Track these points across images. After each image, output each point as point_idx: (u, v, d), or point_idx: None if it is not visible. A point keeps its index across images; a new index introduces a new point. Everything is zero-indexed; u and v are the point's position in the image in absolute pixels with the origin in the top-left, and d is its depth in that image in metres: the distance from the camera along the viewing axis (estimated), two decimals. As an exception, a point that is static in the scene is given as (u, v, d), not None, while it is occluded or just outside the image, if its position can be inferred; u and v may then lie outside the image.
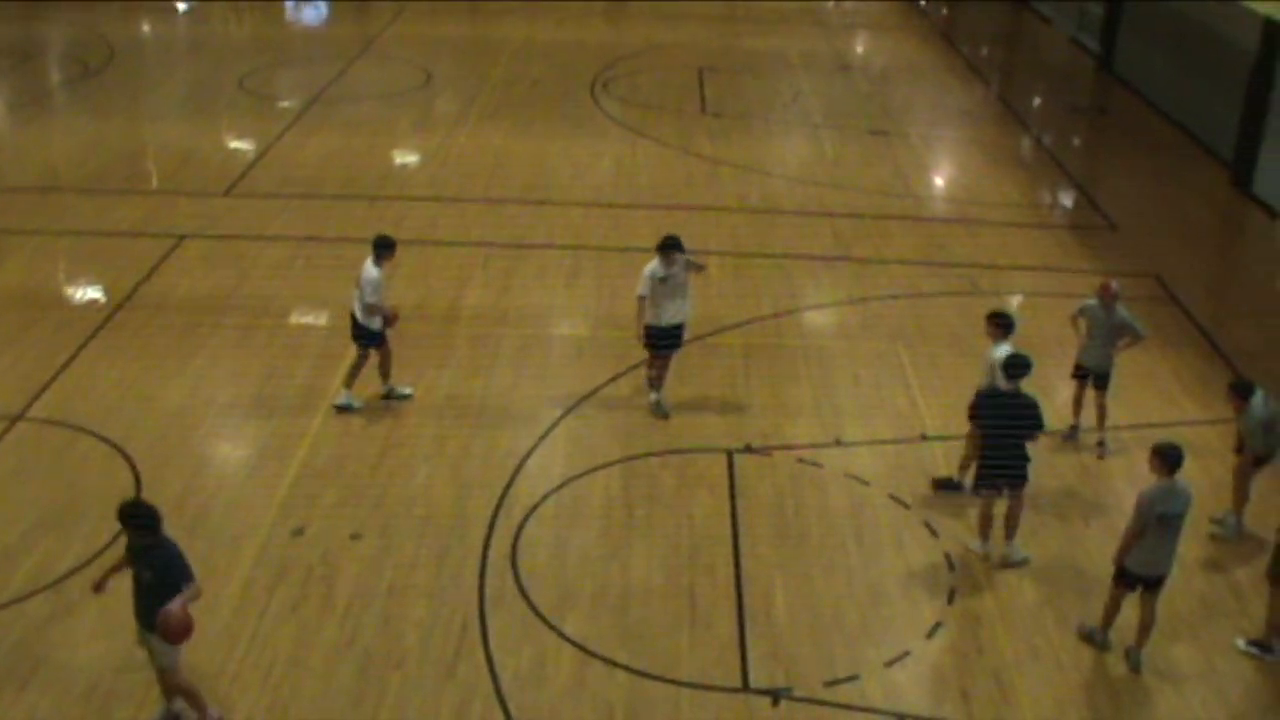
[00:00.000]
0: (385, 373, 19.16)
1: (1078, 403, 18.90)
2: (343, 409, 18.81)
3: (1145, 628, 14.50)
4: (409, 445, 18.14)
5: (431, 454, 17.95)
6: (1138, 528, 13.98)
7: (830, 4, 52.21)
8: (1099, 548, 16.34)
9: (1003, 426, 15.72)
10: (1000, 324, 17.04)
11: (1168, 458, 14.01)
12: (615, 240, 25.39)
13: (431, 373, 19.92)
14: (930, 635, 14.97)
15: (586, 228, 26.10)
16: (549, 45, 41.43)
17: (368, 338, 18.69)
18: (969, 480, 16.72)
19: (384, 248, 18.44)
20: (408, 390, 19.37)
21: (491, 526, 16.45)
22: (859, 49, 45.63)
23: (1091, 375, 18.63)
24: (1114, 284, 18.45)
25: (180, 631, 12.17)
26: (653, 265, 18.63)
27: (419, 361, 20.10)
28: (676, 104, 35.42)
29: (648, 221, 26.09)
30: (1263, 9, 23.63)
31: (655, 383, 19.30)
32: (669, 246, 18.59)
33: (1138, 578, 14.33)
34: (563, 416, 18.96)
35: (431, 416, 18.83)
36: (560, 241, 25.18)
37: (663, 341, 19.00)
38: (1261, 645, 14.87)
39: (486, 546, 16.08)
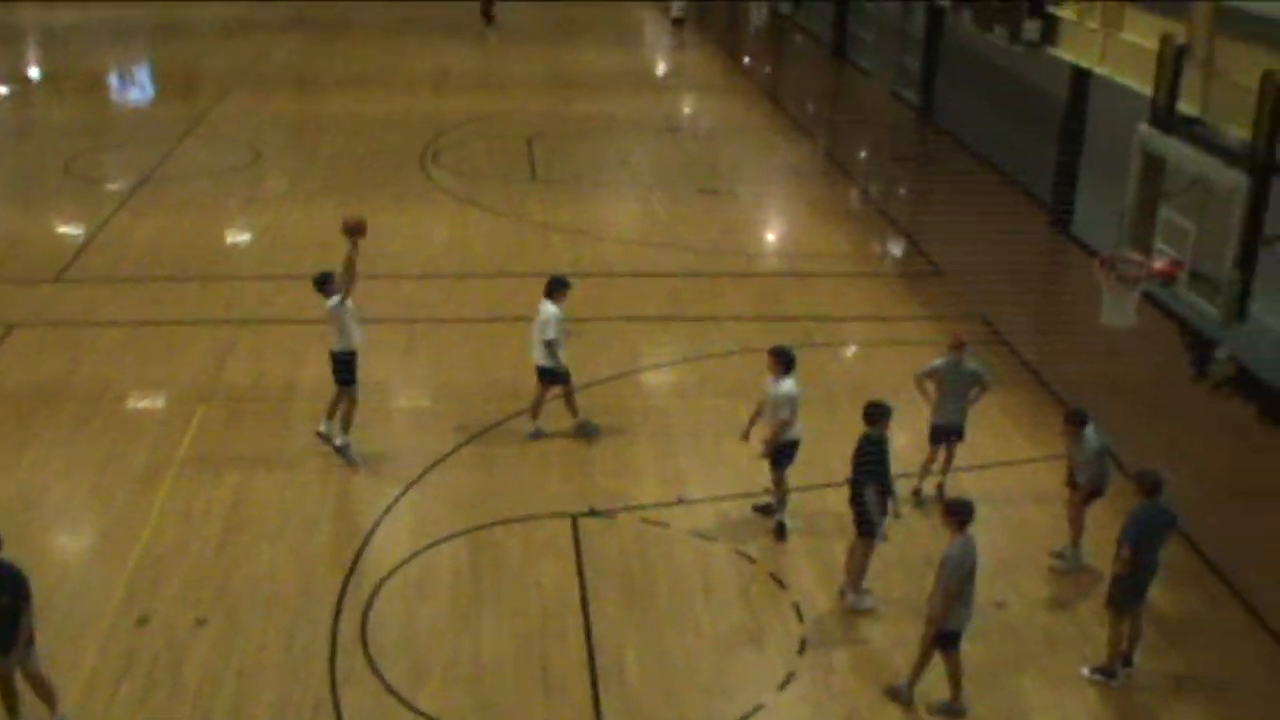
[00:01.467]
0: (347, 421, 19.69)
1: (928, 466, 19.04)
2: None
3: (956, 679, 14.86)
4: (252, 525, 17.98)
5: (275, 533, 17.81)
6: (956, 588, 14.25)
7: (658, 68, 52.73)
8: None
9: (862, 472, 16.18)
10: (781, 359, 17.32)
11: (962, 514, 14.33)
12: (450, 311, 25.43)
13: (272, 451, 19.78)
14: (783, 687, 15.13)
15: (421, 300, 26.11)
16: (377, 119, 41.34)
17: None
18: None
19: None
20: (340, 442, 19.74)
21: (339, 604, 16.35)
22: (686, 110, 46.21)
23: (950, 433, 18.84)
24: (959, 333, 18.88)
25: None
26: (554, 309, 19.77)
27: (259, 440, 19.96)
28: (506, 172, 35.57)
29: (483, 290, 26.27)
30: (1069, 57, 24.33)
31: (574, 410, 20.58)
32: (564, 285, 20.10)
33: (957, 633, 14.64)
34: (406, 490, 18.92)
35: (274, 495, 18.68)
36: (395, 315, 25.11)
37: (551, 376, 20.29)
38: (1105, 672, 15.26)
39: (335, 625, 15.98)
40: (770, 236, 31.82)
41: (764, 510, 18.21)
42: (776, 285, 27.36)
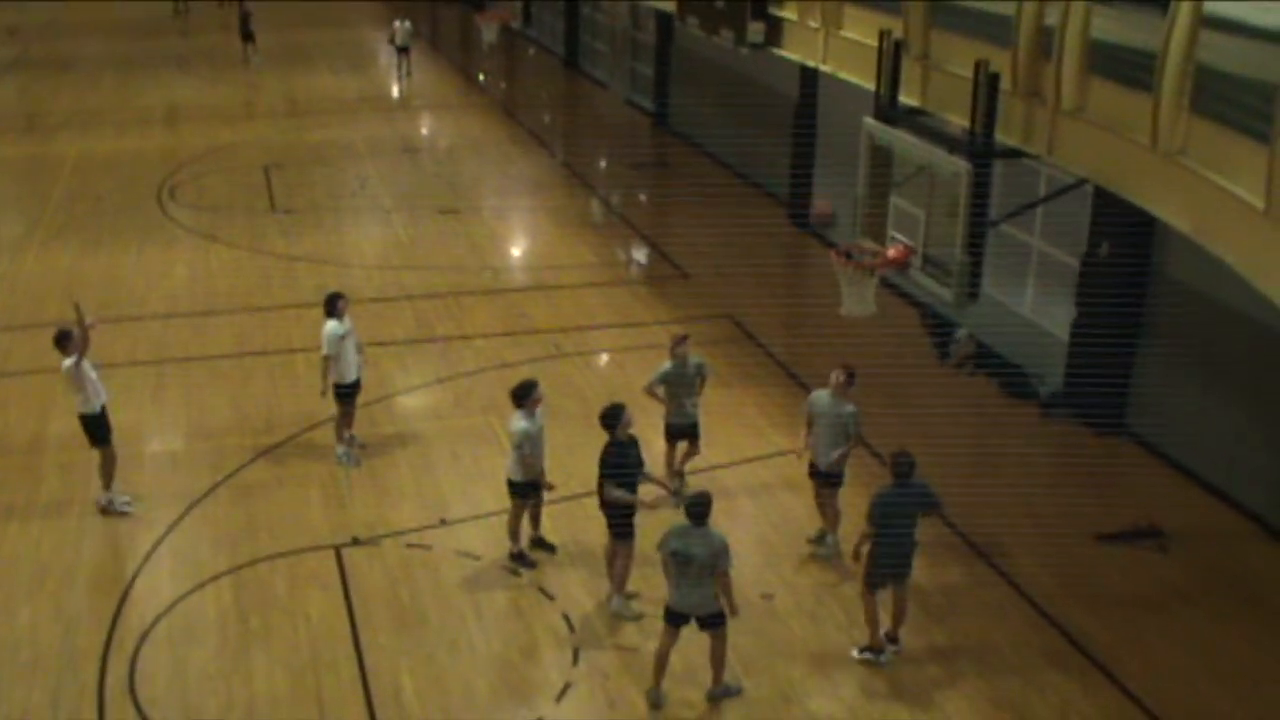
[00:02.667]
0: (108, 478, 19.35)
1: (670, 464, 19.36)
2: None
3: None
4: (8, 583, 17.52)
5: (32, 591, 17.36)
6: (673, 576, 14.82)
7: (393, 89, 52.49)
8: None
9: (605, 475, 16.40)
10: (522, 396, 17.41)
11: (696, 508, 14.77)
12: (198, 349, 25.06)
13: (22, 506, 19.30)
14: (560, 698, 15.30)
15: (167, 340, 25.66)
16: (109, 157, 40.46)
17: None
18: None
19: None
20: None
21: (104, 659, 16.01)
22: (423, 130, 46.14)
23: (685, 431, 19.22)
24: (680, 333, 19.27)
25: None
26: (333, 325, 19.74)
27: (8, 494, 19.48)
28: (246, 204, 35.11)
29: (229, 326, 25.96)
30: (794, 57, 24.90)
31: (344, 433, 20.65)
32: (340, 299, 20.12)
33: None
34: (165, 534, 18.61)
35: (28, 551, 18.21)
36: (142, 357, 24.67)
37: (352, 392, 20.46)
38: (872, 650, 15.71)
39: (102, 680, 15.64)
40: (514, 250, 32.01)
41: (542, 545, 18.26)
42: (523, 299, 27.53)
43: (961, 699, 15.21)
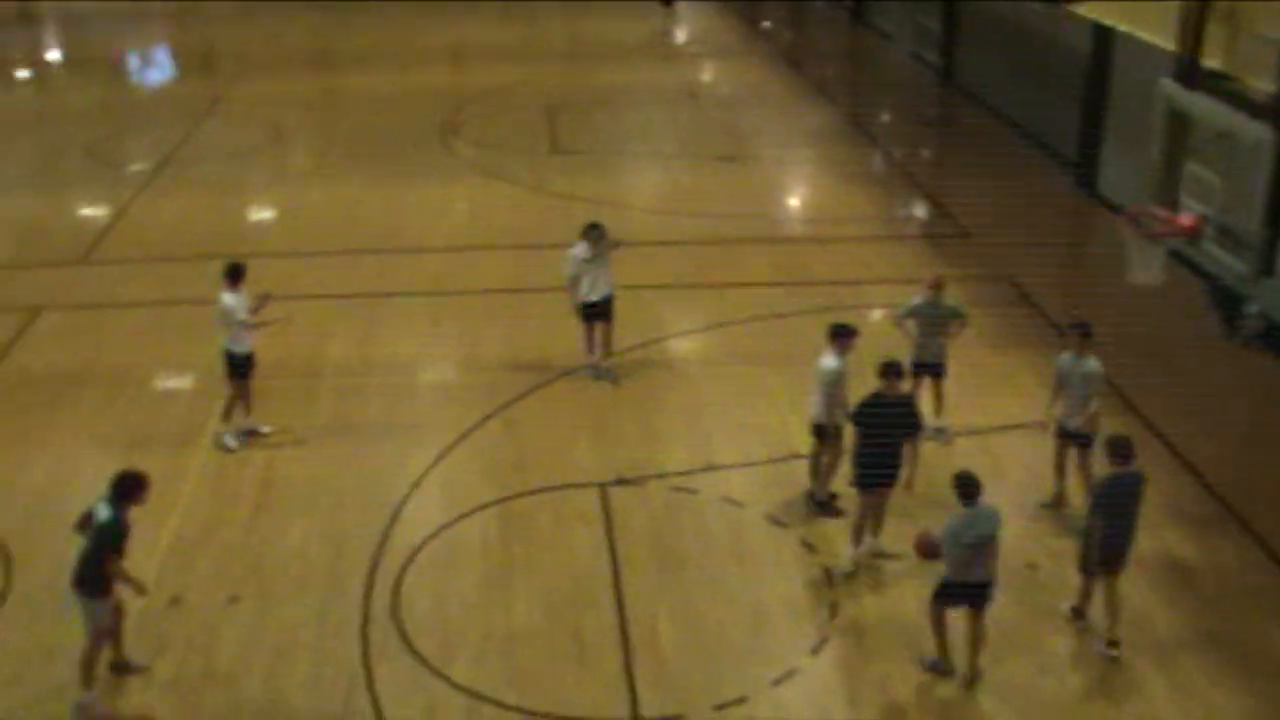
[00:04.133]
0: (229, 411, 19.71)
1: (915, 396, 18.99)
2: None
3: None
4: (281, 504, 17.99)
5: (305, 511, 17.81)
6: (956, 558, 14.34)
7: (676, 37, 52.52)
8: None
9: (882, 429, 15.96)
10: (844, 334, 17.22)
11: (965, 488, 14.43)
12: (475, 284, 25.39)
13: (300, 427, 19.77)
14: (816, 651, 15.09)
15: (446, 273, 26.08)
16: (395, 94, 41.30)
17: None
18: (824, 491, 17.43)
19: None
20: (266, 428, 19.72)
21: (371, 579, 16.35)
22: (705, 77, 46.00)
23: (930, 368, 19.07)
24: (941, 276, 19.01)
25: None
26: (577, 249, 20.73)
27: (285, 418, 19.96)
28: (527, 144, 35.48)
29: (506, 263, 26.22)
30: (1090, 13, 24.11)
31: (592, 348, 21.39)
32: (594, 229, 20.85)
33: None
34: (435, 462, 18.91)
35: (303, 472, 18.68)
36: (420, 289, 25.13)
37: (593, 312, 21.03)
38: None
39: (367, 600, 15.99)
40: (792, 201, 31.71)
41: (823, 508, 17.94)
42: (800, 250, 27.25)
43: (1224, 690, 14.59)
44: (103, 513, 13.86)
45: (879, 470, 16.14)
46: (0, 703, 14.36)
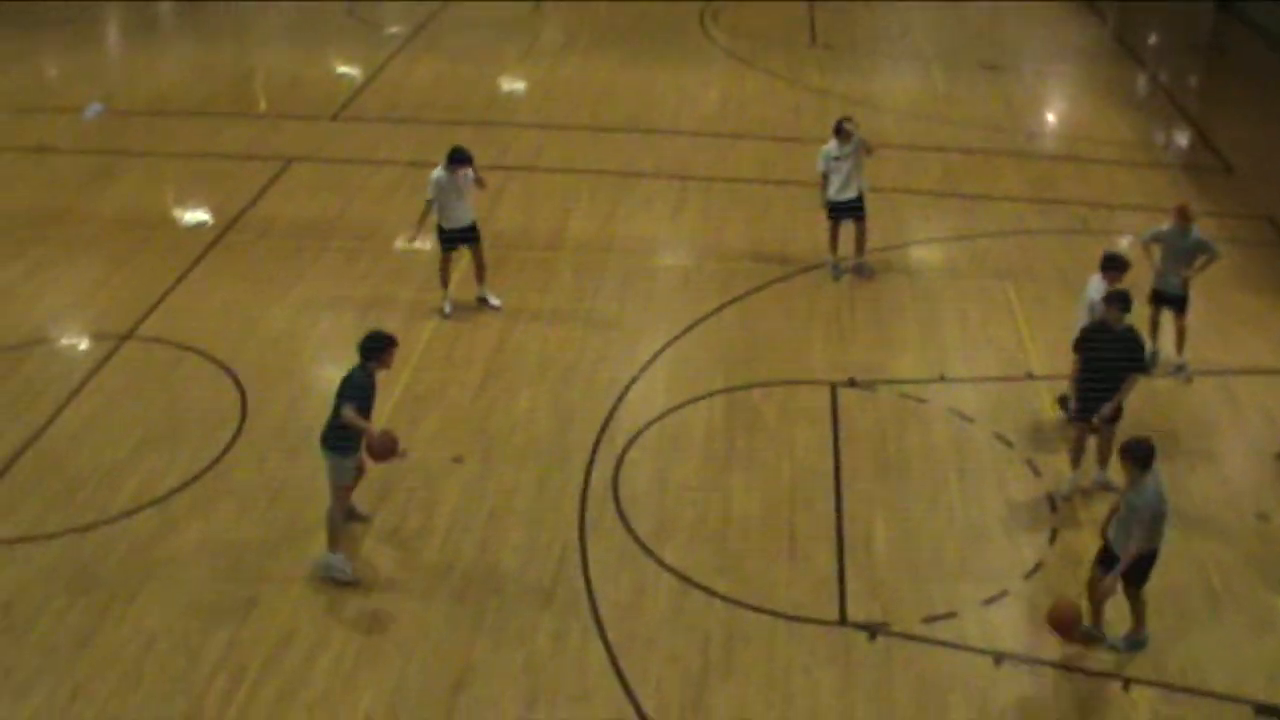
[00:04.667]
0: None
1: (1154, 326, 18.62)
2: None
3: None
4: (511, 372, 18.19)
5: (534, 381, 17.99)
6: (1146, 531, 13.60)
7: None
8: (1199, 486, 16.34)
9: (1102, 359, 15.51)
10: (1115, 267, 16.70)
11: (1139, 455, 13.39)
12: (721, 171, 25.25)
13: (535, 299, 19.92)
14: (1029, 576, 14.82)
15: (693, 158, 25.96)
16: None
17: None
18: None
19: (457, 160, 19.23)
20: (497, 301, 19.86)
21: (593, 454, 16.48)
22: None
23: (1170, 300, 18.45)
24: (1189, 206, 18.33)
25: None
26: (829, 145, 20.48)
27: (523, 287, 20.17)
28: (785, 35, 35.04)
29: (754, 153, 26.02)
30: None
31: (835, 247, 21.23)
32: (845, 126, 20.52)
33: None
34: (665, 346, 18.92)
35: (534, 343, 18.84)
36: (666, 171, 25.08)
37: (842, 211, 20.83)
38: None
39: (588, 474, 16.12)
40: (1050, 117, 30.88)
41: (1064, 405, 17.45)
42: (1053, 168, 26.53)
43: None
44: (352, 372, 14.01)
45: (1098, 401, 15.68)
46: (224, 536, 14.77)
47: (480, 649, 13.43)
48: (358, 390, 13.89)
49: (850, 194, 20.61)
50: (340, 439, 13.92)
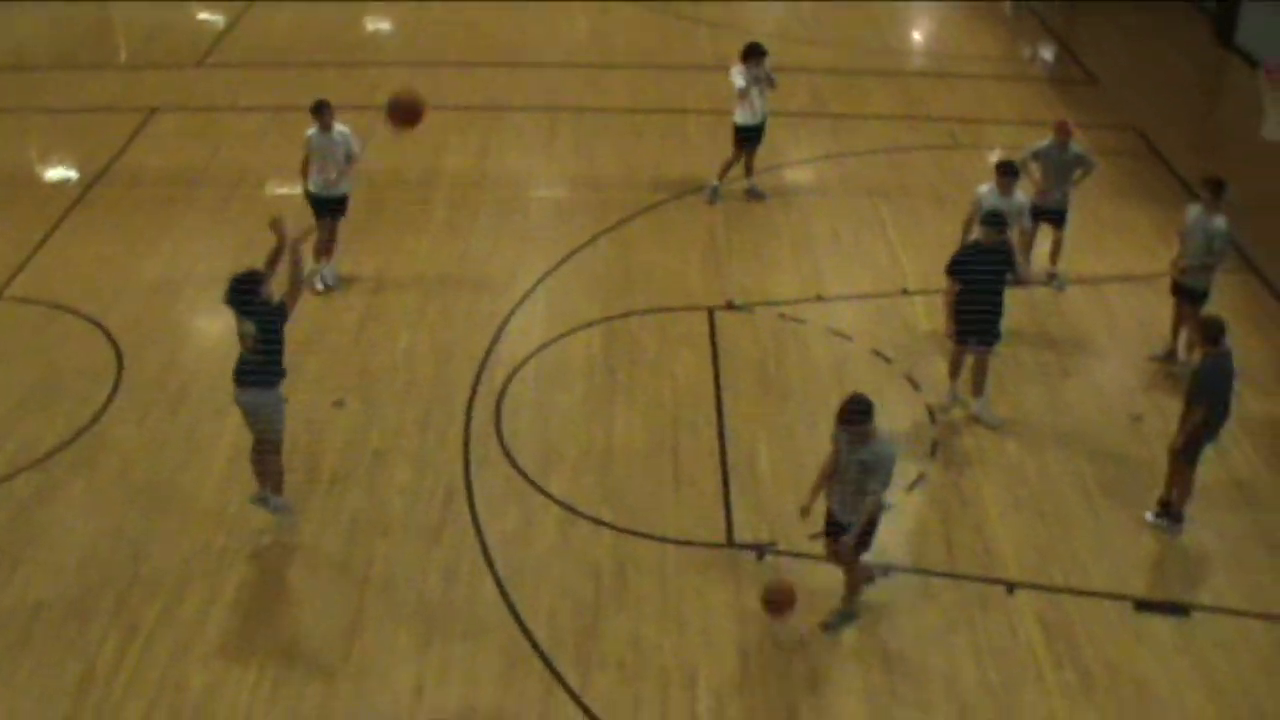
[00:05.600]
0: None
1: (1030, 245, 18.78)
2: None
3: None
4: (389, 313, 18.09)
5: (412, 321, 17.90)
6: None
7: None
8: (1074, 393, 16.75)
9: (978, 277, 15.63)
10: (1009, 172, 16.97)
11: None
12: (593, 101, 25.20)
13: (410, 239, 19.82)
14: (912, 488, 15.05)
15: (563, 89, 25.88)
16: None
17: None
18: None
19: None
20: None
21: (474, 391, 16.47)
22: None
23: (1049, 214, 18.67)
24: (1068, 122, 18.58)
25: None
26: (738, 68, 20.49)
27: (398, 227, 20.01)
28: (651, -37, 34.91)
29: (625, 81, 25.96)
30: None
31: (727, 171, 21.19)
32: (754, 52, 20.46)
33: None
34: (542, 279, 18.91)
35: (411, 283, 18.74)
36: (537, 104, 24.99)
37: (748, 135, 20.88)
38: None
39: (469, 410, 16.10)
40: (917, 35, 31.06)
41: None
42: (921, 85, 26.73)
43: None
44: (249, 328, 13.35)
45: (975, 322, 15.81)
46: (108, 494, 14.62)
47: (372, 592, 13.41)
48: (280, 310, 13.50)
49: (758, 119, 20.75)
50: (275, 370, 13.60)
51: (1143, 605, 13.57)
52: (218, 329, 17.61)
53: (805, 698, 12.41)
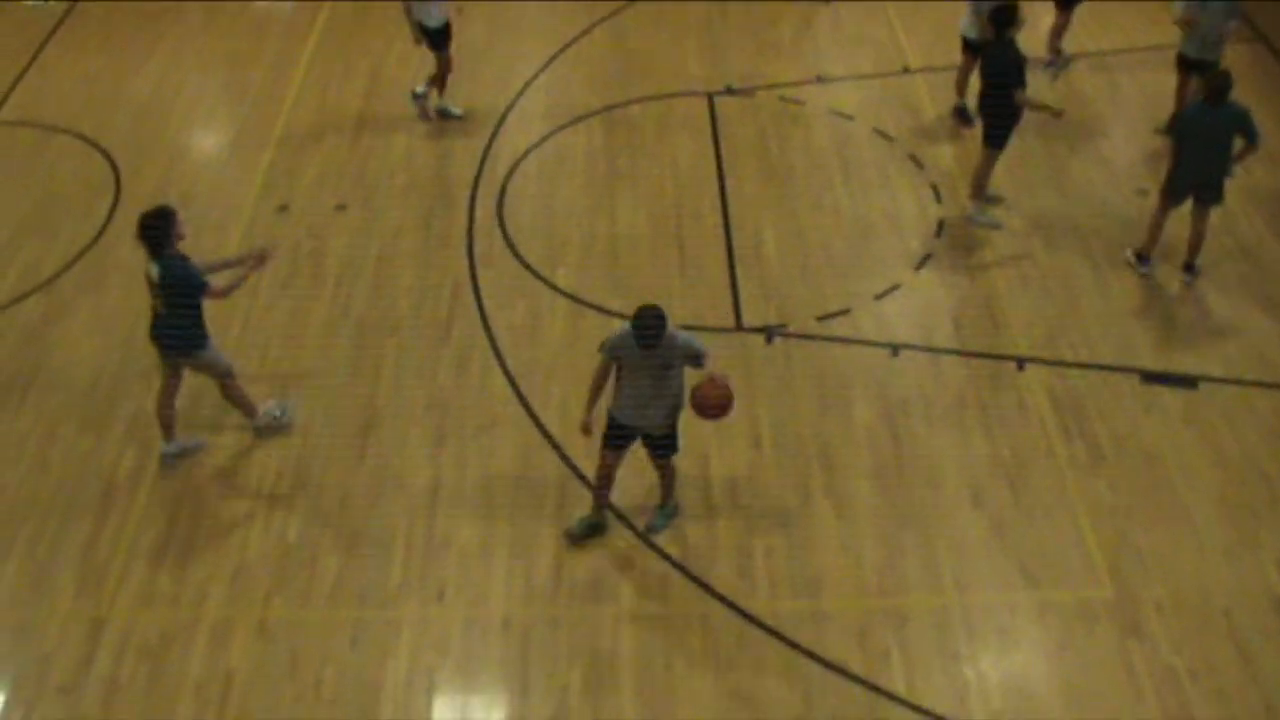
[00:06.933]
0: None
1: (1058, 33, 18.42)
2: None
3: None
4: (387, 114, 17.87)
5: (409, 121, 17.70)
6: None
7: None
8: (1080, 168, 16.61)
9: (994, 78, 15.15)
10: None
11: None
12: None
13: (401, 39, 19.45)
14: (919, 267, 15.03)
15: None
16: None
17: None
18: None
19: None
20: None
21: (475, 187, 16.37)
22: None
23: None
24: None
25: None
26: None
27: (387, 31, 19.65)
28: None
29: None
30: None
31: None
32: None
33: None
34: (539, 72, 18.69)
35: (407, 84, 18.39)
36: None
37: None
38: (1140, 257, 14.93)
39: (472, 208, 16.03)
40: None
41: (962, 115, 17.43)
42: None
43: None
44: (153, 270, 12.04)
45: (997, 114, 15.28)
46: (115, 310, 14.58)
47: (384, 391, 13.49)
48: (193, 277, 12.04)
49: None
50: (197, 335, 12.39)
51: (1151, 377, 13.61)
52: (211, 144, 17.58)
53: (818, 476, 12.51)
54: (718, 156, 16.78)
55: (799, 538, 11.97)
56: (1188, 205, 14.53)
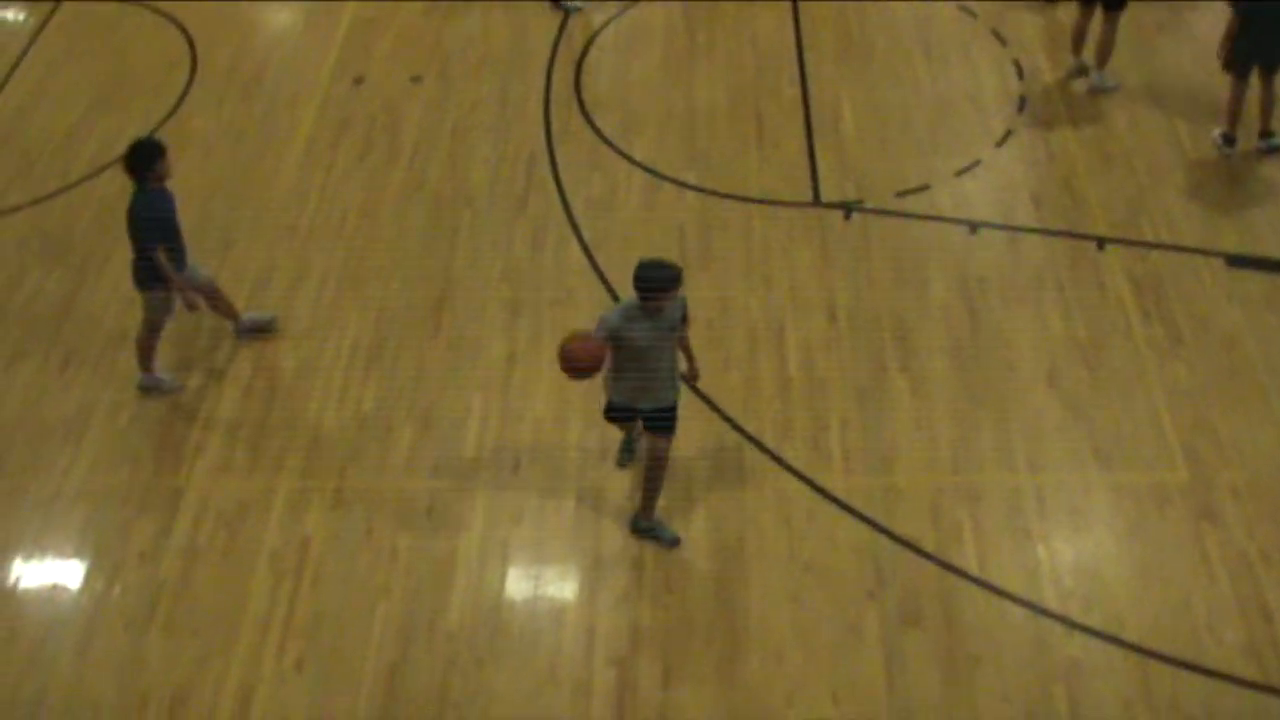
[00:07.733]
0: None
1: None
2: None
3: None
4: (461, -11, 17.80)
5: (483, -1, 17.65)
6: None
7: None
8: (1167, 46, 16.34)
9: None
10: None
11: None
12: None
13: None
14: (1000, 144, 14.83)
15: None
16: None
17: None
18: None
19: None
20: None
21: (551, 60, 16.27)
22: None
23: None
24: None
25: None
26: None
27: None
28: None
29: None
30: None
31: None
32: None
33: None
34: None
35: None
36: None
37: None
38: (1227, 137, 14.65)
39: (549, 80, 15.94)
40: None
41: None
42: None
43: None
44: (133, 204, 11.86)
45: None
46: (190, 182, 14.53)
47: (459, 263, 13.51)
48: (155, 224, 11.78)
49: None
50: (150, 277, 11.90)
51: (1234, 260, 13.39)
52: (286, 17, 17.49)
53: (893, 353, 12.47)
54: (797, 32, 16.57)
55: (873, 413, 11.96)
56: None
